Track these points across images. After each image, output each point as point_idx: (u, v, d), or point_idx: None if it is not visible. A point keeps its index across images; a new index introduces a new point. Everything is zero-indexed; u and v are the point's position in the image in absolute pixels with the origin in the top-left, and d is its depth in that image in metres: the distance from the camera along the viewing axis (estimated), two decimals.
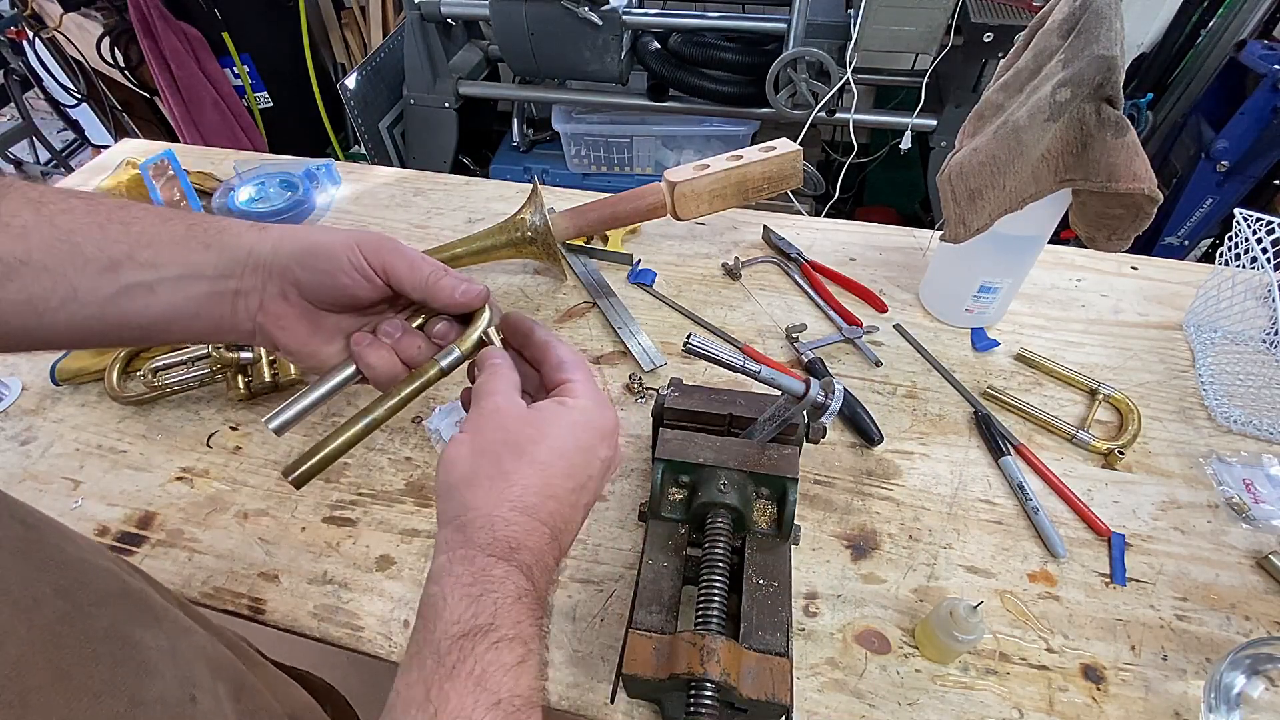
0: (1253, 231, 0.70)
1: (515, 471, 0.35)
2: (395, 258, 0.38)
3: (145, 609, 0.36)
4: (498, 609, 0.31)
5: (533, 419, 0.37)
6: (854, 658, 0.54)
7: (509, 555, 0.33)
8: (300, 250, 0.37)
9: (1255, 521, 0.61)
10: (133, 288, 0.35)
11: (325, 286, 0.38)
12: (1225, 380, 0.72)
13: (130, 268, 0.34)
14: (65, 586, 0.31)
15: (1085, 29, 0.58)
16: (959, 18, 1.53)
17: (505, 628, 0.31)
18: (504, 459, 0.35)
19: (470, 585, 0.31)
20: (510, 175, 2.10)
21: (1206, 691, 0.49)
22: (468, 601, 0.31)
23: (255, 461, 0.68)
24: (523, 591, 0.32)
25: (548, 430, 0.37)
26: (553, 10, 1.65)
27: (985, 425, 0.68)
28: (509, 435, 0.36)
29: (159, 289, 0.35)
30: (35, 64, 2.17)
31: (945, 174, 0.68)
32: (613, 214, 0.83)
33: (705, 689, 0.42)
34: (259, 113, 2.36)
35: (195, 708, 0.34)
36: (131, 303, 0.35)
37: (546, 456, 0.36)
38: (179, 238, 0.36)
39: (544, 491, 0.36)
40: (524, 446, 0.36)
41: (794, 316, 0.82)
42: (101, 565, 0.36)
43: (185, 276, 0.36)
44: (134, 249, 0.35)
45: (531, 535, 0.34)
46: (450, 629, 0.30)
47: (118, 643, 0.32)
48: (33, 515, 0.34)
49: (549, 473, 0.36)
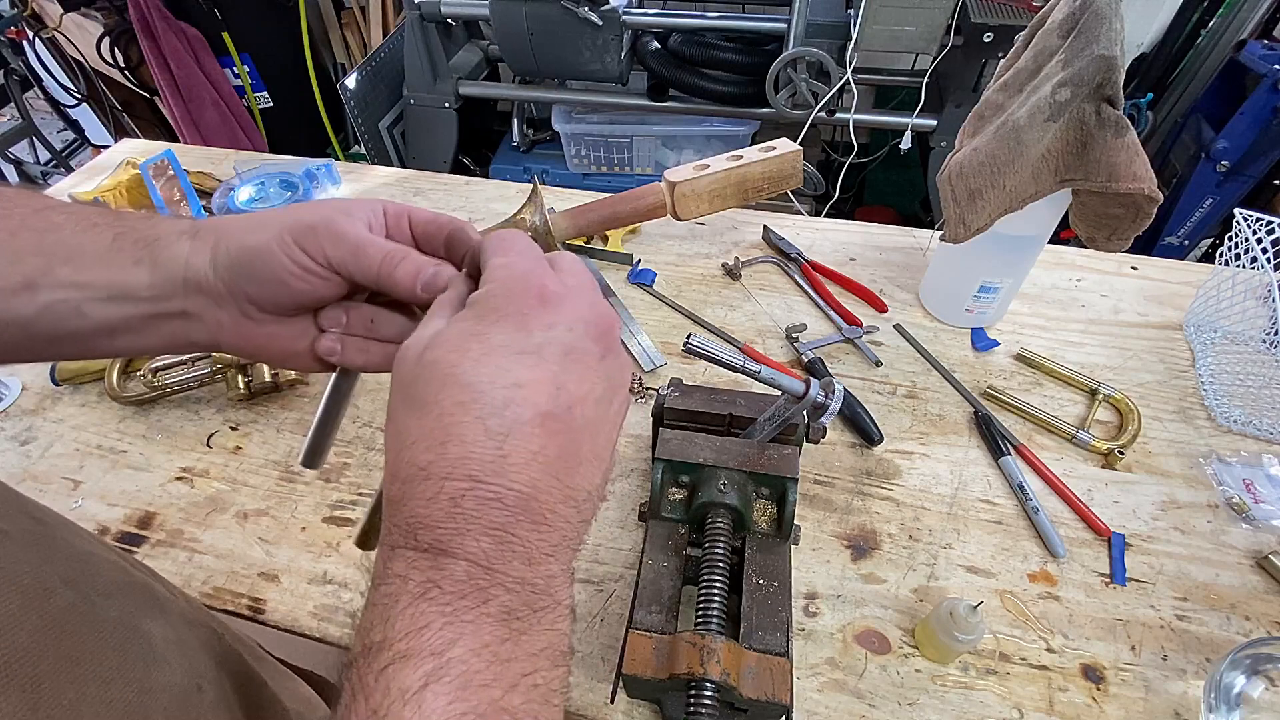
0: (1253, 231, 0.70)
1: (406, 430, 0.26)
2: (335, 246, 0.31)
3: (152, 600, 0.36)
4: (391, 617, 0.24)
5: (446, 341, 0.27)
6: (854, 658, 0.54)
7: (407, 540, 0.25)
8: (236, 261, 0.31)
9: (1255, 521, 0.61)
10: (55, 306, 0.30)
11: (283, 296, 0.32)
12: (1225, 380, 0.72)
13: (48, 287, 0.30)
14: (74, 578, 0.31)
15: (1085, 29, 0.58)
16: (959, 18, 1.53)
17: (398, 642, 0.23)
18: (388, 436, 0.28)
19: (375, 587, 0.26)
20: (510, 175, 2.10)
21: (1206, 691, 0.49)
22: (368, 609, 0.25)
23: (255, 461, 0.68)
24: (424, 584, 0.24)
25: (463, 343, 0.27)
26: (553, 10, 1.65)
27: (985, 425, 0.68)
28: (438, 360, 0.27)
29: (87, 309, 0.31)
30: (35, 64, 2.17)
31: (945, 174, 0.68)
32: (613, 214, 0.83)
33: (705, 689, 0.42)
34: (259, 113, 2.36)
35: (202, 697, 0.34)
36: (59, 323, 0.31)
37: (470, 378, 0.26)
38: (103, 251, 0.31)
39: (433, 440, 0.25)
40: (436, 372, 0.26)
41: (794, 316, 0.82)
42: (108, 558, 0.36)
43: (115, 297, 0.31)
44: (51, 264, 0.30)
45: (424, 502, 0.25)
46: (355, 645, 0.24)
47: (126, 632, 0.32)
48: (41, 510, 0.34)
49: (478, 402, 0.25)
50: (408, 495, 0.25)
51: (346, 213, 0.32)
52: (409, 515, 0.25)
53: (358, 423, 0.71)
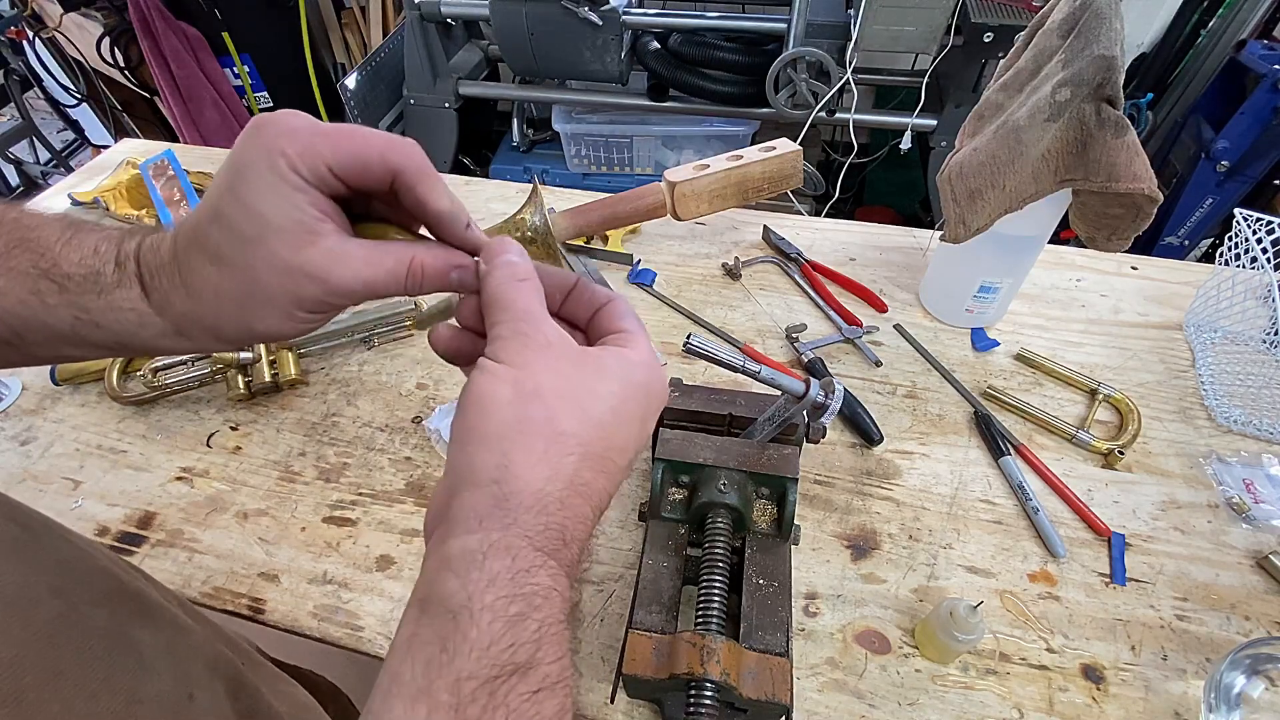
0: (1253, 231, 0.70)
1: (574, 434, 0.26)
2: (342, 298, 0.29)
3: (142, 608, 0.36)
4: (542, 637, 0.23)
5: (594, 367, 0.28)
6: (854, 658, 0.54)
7: (557, 551, 0.25)
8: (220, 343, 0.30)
9: (1255, 521, 0.61)
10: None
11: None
12: (1225, 380, 0.72)
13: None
14: (61, 586, 0.31)
15: (1085, 29, 0.58)
16: (959, 18, 1.53)
17: (546, 664, 0.23)
18: (560, 413, 0.26)
19: (509, 595, 0.23)
20: (510, 175, 2.10)
21: (1206, 691, 0.49)
22: (505, 624, 0.23)
23: (255, 461, 0.68)
24: (566, 606, 0.25)
25: (611, 386, 0.28)
26: (553, 10, 1.65)
27: (985, 425, 0.68)
28: (567, 383, 0.27)
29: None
30: (35, 64, 2.17)
31: (945, 174, 0.68)
32: (613, 214, 0.83)
33: (705, 689, 0.42)
34: (259, 113, 2.36)
35: (193, 706, 0.34)
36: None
37: (610, 419, 0.27)
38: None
39: (599, 465, 0.27)
40: (586, 402, 0.27)
41: (794, 316, 0.82)
42: (99, 565, 0.35)
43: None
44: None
45: (581, 524, 0.26)
46: (479, 662, 0.22)
47: (115, 641, 0.32)
48: (28, 515, 0.34)
49: (609, 441, 0.27)
50: (566, 504, 0.26)
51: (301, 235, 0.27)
52: (561, 525, 0.25)
53: (358, 423, 0.71)
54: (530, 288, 0.29)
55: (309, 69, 2.30)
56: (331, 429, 0.71)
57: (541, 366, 0.27)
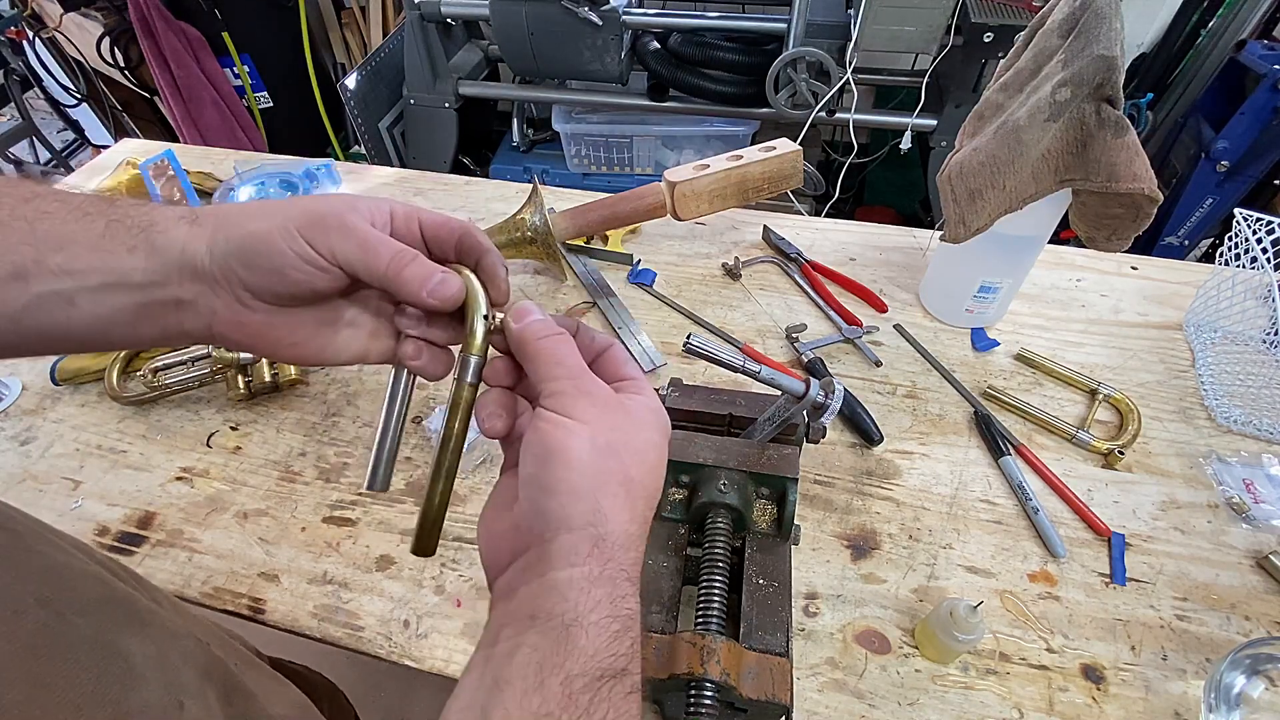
0: (1253, 231, 0.70)
1: (639, 482, 0.31)
2: (343, 239, 0.31)
3: (131, 615, 0.35)
4: (633, 651, 0.28)
5: (638, 418, 0.32)
6: (854, 658, 0.54)
7: (636, 580, 0.30)
8: (237, 248, 0.31)
9: (1255, 521, 0.61)
10: (46, 298, 0.29)
11: (279, 285, 0.31)
12: (1225, 380, 0.72)
13: (39, 276, 0.29)
14: (48, 595, 0.31)
15: (1085, 29, 0.58)
16: (959, 18, 1.53)
17: (635, 674, 0.28)
18: (628, 463, 0.30)
19: (610, 616, 0.28)
20: (510, 175, 2.10)
21: (1206, 691, 0.49)
22: (609, 637, 0.27)
23: (255, 461, 0.68)
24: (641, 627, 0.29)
25: (653, 435, 0.32)
26: (553, 10, 1.65)
27: (985, 425, 0.68)
28: (626, 435, 0.31)
29: (79, 300, 0.30)
30: (35, 64, 2.17)
31: (945, 174, 0.68)
32: (613, 214, 0.83)
33: (705, 689, 0.42)
34: (259, 113, 2.36)
35: (183, 714, 0.34)
36: (49, 315, 0.29)
37: (657, 462, 0.32)
38: (96, 239, 0.30)
39: (653, 502, 0.32)
40: (643, 452, 0.31)
41: (794, 316, 0.82)
42: (88, 570, 0.35)
43: (109, 285, 0.30)
44: (42, 253, 0.29)
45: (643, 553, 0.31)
46: (590, 663, 0.26)
47: (102, 651, 0.32)
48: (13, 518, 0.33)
49: (658, 482, 0.32)
50: (640, 541, 0.31)
51: (354, 209, 0.32)
52: (638, 557, 0.30)
53: (358, 423, 0.71)
54: (571, 343, 0.32)
55: (309, 69, 2.30)
56: (331, 429, 0.71)
57: (607, 423, 0.30)
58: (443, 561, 0.60)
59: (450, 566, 0.60)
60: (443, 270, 0.32)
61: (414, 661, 0.54)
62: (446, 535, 0.62)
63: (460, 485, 0.65)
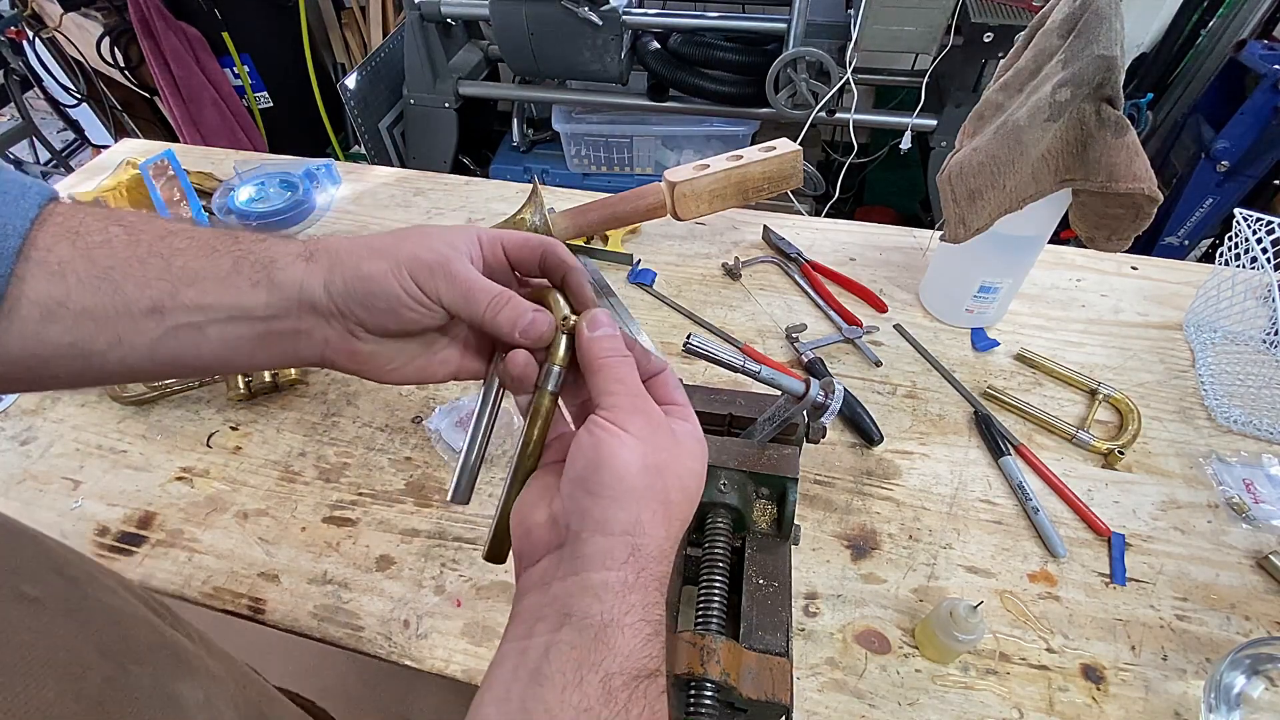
0: (1253, 231, 0.70)
1: (676, 505, 0.33)
2: (448, 286, 0.34)
3: (181, 661, 0.36)
4: (662, 654, 0.30)
5: (685, 445, 0.34)
6: (854, 658, 0.54)
7: (665, 590, 0.31)
8: (351, 289, 0.34)
9: (1255, 521, 0.61)
10: (180, 329, 0.32)
11: (391, 323, 0.35)
12: (1225, 380, 0.72)
13: (174, 310, 0.32)
14: (108, 645, 0.32)
15: (1085, 29, 0.58)
16: (959, 18, 1.53)
17: (664, 676, 0.29)
18: (670, 485, 0.32)
19: (643, 620, 0.29)
20: (510, 175, 2.09)
21: (1206, 691, 0.49)
22: (642, 640, 0.29)
23: (255, 461, 0.68)
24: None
25: (696, 465, 0.35)
26: (553, 10, 1.65)
27: (985, 425, 0.68)
28: (674, 460, 0.33)
29: (208, 330, 0.33)
30: (35, 64, 2.17)
31: (945, 174, 0.68)
32: (613, 214, 0.83)
33: (705, 689, 0.42)
34: (259, 113, 2.36)
35: None
36: (180, 344, 0.32)
37: (695, 489, 0.34)
38: (224, 275, 0.33)
39: (683, 527, 0.34)
40: (685, 479, 0.33)
41: (794, 316, 0.82)
42: (139, 614, 0.36)
43: (235, 318, 0.33)
44: (177, 288, 0.32)
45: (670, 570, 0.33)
46: (625, 663, 0.28)
47: (161, 701, 0.32)
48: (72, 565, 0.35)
49: (693, 507, 0.34)
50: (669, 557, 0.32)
51: (453, 247, 0.34)
52: (668, 570, 0.32)
53: (358, 423, 0.71)
54: (633, 363, 0.35)
55: (309, 69, 2.30)
56: (331, 429, 0.71)
57: (658, 444, 0.32)
58: (443, 562, 0.60)
59: (450, 567, 0.60)
60: (534, 309, 0.35)
61: (414, 662, 0.54)
62: (447, 536, 0.62)
63: None
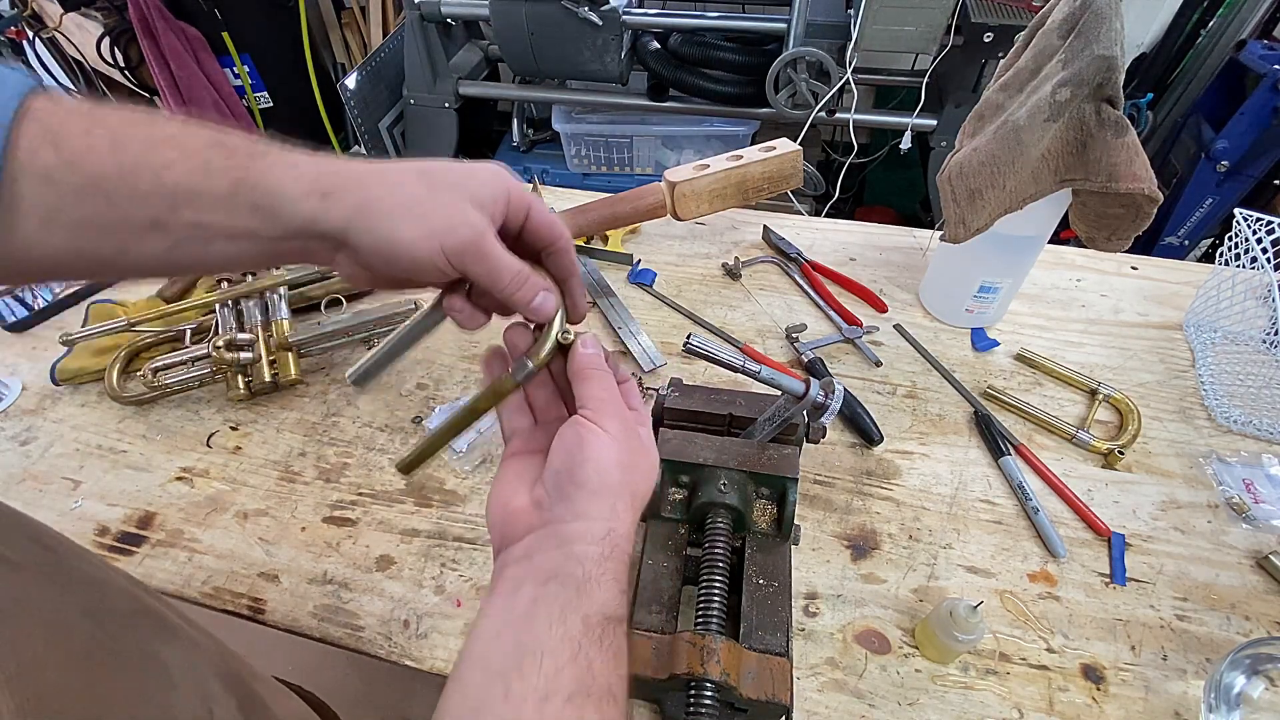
0: (1253, 231, 0.70)
1: (641, 496, 0.37)
2: (476, 263, 0.36)
3: (163, 625, 0.37)
4: (625, 608, 0.35)
5: (645, 447, 0.39)
6: (854, 658, 0.54)
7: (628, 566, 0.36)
8: (378, 248, 0.34)
9: (1255, 521, 0.61)
10: (184, 242, 0.31)
11: (402, 280, 0.37)
12: (1225, 380, 0.72)
13: (177, 227, 0.31)
14: (91, 608, 0.32)
15: (1085, 29, 0.58)
16: (959, 18, 1.53)
17: (626, 623, 0.35)
18: (638, 480, 0.37)
19: (615, 580, 0.34)
20: None
21: (1206, 691, 0.49)
22: (614, 594, 0.34)
23: (255, 461, 0.68)
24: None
25: (653, 460, 0.39)
26: (553, 10, 1.65)
27: (985, 425, 0.68)
28: (639, 458, 0.37)
29: (214, 243, 0.32)
30: (35, 64, 2.17)
31: (945, 174, 0.68)
32: (613, 214, 0.82)
33: (705, 689, 0.42)
34: (259, 113, 2.36)
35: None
36: (189, 253, 0.32)
37: (651, 485, 0.39)
38: (222, 197, 0.31)
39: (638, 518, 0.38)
40: (647, 474, 0.38)
41: (794, 316, 0.82)
42: (118, 583, 0.36)
43: (238, 236, 0.32)
44: (174, 205, 0.30)
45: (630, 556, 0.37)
46: (601, 608, 0.33)
47: (145, 660, 0.33)
48: (49, 535, 0.35)
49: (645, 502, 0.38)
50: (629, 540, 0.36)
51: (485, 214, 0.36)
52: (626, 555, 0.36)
53: (357, 423, 0.71)
54: (613, 378, 0.39)
55: (309, 69, 2.30)
56: (331, 429, 0.71)
57: (631, 446, 0.37)
58: (443, 562, 0.60)
59: (450, 567, 0.60)
60: (545, 289, 0.38)
61: (414, 661, 0.54)
62: (447, 536, 0.62)
63: (460, 485, 0.65)
